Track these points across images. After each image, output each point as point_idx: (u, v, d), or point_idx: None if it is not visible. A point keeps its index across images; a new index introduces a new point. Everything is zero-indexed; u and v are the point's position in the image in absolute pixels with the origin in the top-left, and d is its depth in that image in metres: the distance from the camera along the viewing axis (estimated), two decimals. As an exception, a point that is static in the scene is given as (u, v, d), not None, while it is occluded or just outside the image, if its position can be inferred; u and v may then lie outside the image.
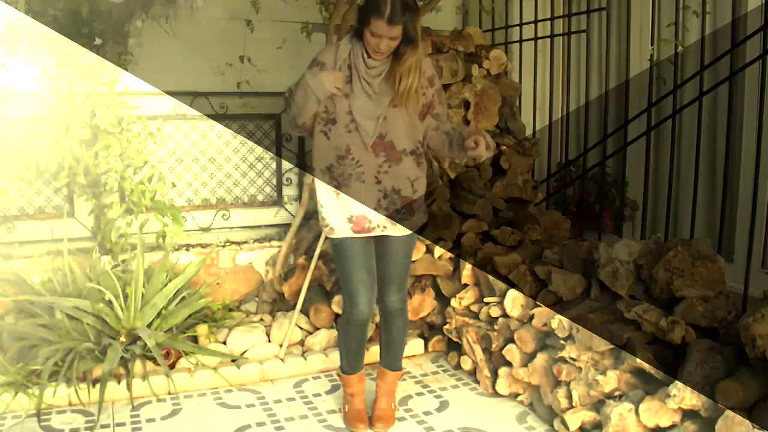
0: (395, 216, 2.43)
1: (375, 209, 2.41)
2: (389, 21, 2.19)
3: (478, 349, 2.99)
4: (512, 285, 2.89)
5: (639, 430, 2.19)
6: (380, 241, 2.51)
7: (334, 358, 3.01)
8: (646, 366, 2.25)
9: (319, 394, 2.96)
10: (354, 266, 2.46)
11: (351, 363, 2.67)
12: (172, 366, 3.03)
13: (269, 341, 3.26)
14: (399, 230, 2.47)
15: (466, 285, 3.18)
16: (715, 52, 3.29)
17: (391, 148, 2.38)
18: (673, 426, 2.14)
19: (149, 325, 3.07)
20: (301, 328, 3.37)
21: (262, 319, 3.47)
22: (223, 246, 3.65)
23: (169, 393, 2.94)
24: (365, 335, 2.66)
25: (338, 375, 2.76)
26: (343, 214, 2.41)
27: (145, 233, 3.23)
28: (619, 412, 2.21)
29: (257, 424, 2.69)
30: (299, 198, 3.76)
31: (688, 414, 2.11)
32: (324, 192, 2.45)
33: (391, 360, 2.68)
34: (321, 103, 2.36)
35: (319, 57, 2.41)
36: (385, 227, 2.44)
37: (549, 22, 3.96)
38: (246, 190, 3.84)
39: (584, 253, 2.86)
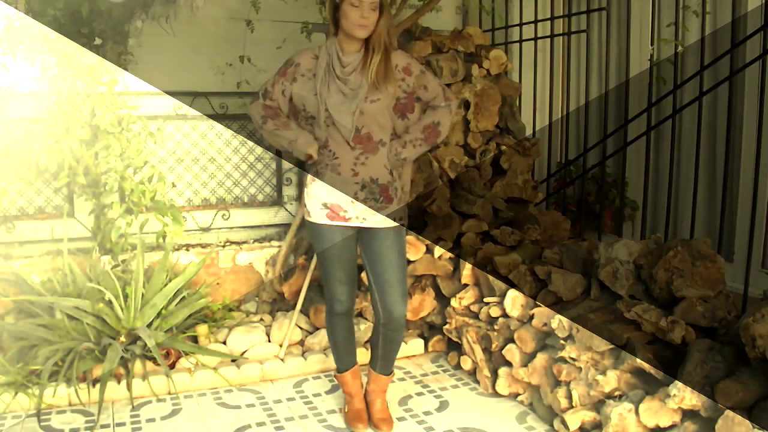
0: (374, 205, 2.44)
1: (352, 201, 2.43)
2: None
3: (478, 349, 2.99)
4: (512, 285, 2.89)
5: (639, 430, 2.19)
6: (366, 243, 2.50)
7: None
8: (646, 366, 2.25)
9: (319, 394, 2.96)
10: (329, 260, 2.51)
11: (341, 358, 2.69)
12: (172, 366, 3.03)
13: (269, 341, 3.26)
14: (380, 221, 2.45)
15: (466, 285, 3.18)
16: (715, 52, 3.29)
17: (368, 139, 2.41)
18: (673, 426, 2.14)
19: (149, 325, 3.07)
20: (301, 328, 3.37)
21: (262, 319, 3.47)
22: (223, 246, 3.65)
23: (169, 393, 2.94)
24: (351, 328, 2.68)
25: (335, 377, 2.77)
26: (319, 200, 2.47)
27: (145, 233, 3.23)
28: (619, 412, 2.21)
29: (257, 424, 2.69)
30: (299, 198, 3.76)
31: (688, 414, 2.11)
32: (307, 177, 2.52)
33: (387, 365, 2.67)
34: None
35: (295, 58, 2.47)
36: (365, 219, 2.45)
37: (549, 22, 3.96)
38: (246, 190, 3.83)
39: (584, 253, 2.86)
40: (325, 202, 2.45)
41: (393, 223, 2.47)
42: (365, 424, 2.63)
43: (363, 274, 2.95)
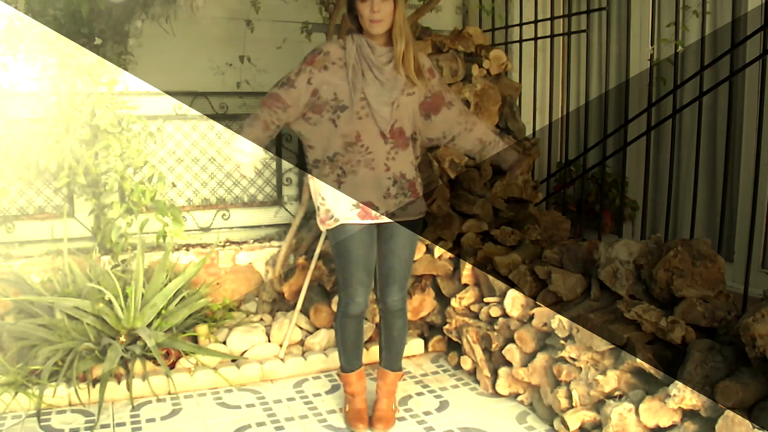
0: (404, 201, 2.43)
1: (385, 196, 2.40)
2: None
3: (478, 349, 2.99)
4: (512, 285, 2.89)
5: (639, 430, 2.19)
6: (384, 238, 2.51)
7: (334, 358, 3.01)
8: (646, 366, 2.25)
9: (319, 394, 2.96)
10: (354, 263, 2.46)
11: (349, 359, 2.68)
12: (172, 366, 3.03)
13: (269, 341, 3.26)
14: (407, 214, 2.46)
15: (466, 285, 3.18)
16: (715, 52, 3.29)
17: (400, 134, 2.40)
18: (673, 426, 2.14)
19: (149, 325, 3.07)
20: (301, 328, 3.37)
21: (262, 319, 3.47)
22: (223, 246, 3.65)
23: (169, 393, 2.94)
24: (361, 330, 2.67)
25: (338, 375, 2.76)
26: (349, 201, 2.39)
27: (145, 233, 3.23)
28: (619, 412, 2.21)
29: (257, 424, 2.69)
30: (299, 198, 3.75)
31: (688, 414, 2.11)
32: (325, 184, 2.41)
33: (391, 360, 2.68)
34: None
35: (323, 46, 2.41)
36: (393, 214, 2.44)
37: (549, 22, 3.96)
38: (246, 190, 3.84)
39: (584, 253, 2.86)
40: (357, 202, 2.39)
41: (419, 215, 2.51)
42: (365, 424, 2.63)
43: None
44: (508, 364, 2.83)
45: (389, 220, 2.44)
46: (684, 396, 2.06)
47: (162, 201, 3.20)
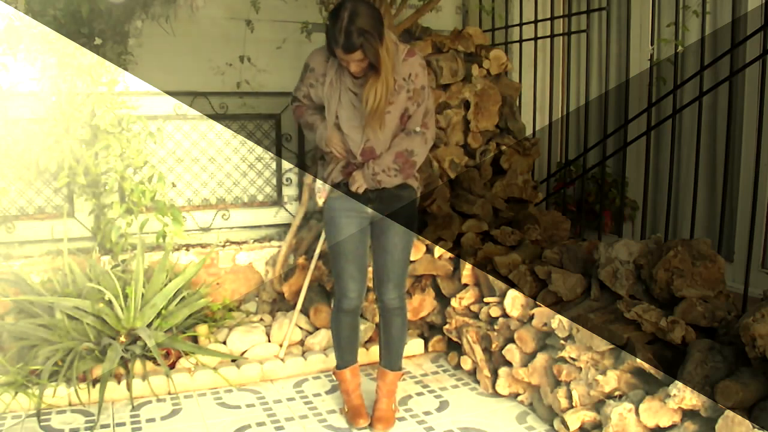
0: (392, 180, 2.46)
1: (372, 176, 2.46)
2: (345, 50, 2.23)
3: (478, 349, 2.99)
4: (512, 285, 2.89)
5: (639, 430, 2.19)
6: (376, 235, 2.55)
7: (334, 358, 3.00)
8: (646, 366, 2.25)
9: (319, 394, 2.96)
10: (344, 256, 2.52)
11: (343, 355, 2.70)
12: (172, 366, 3.03)
13: (269, 341, 3.26)
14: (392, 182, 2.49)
15: (466, 285, 3.18)
16: (715, 52, 3.29)
17: (370, 152, 2.44)
18: (673, 426, 2.14)
19: (149, 325, 3.07)
20: (301, 328, 3.37)
21: (262, 319, 3.47)
22: (223, 246, 3.65)
23: (169, 393, 2.94)
24: (356, 326, 2.69)
25: (333, 373, 2.77)
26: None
27: (145, 233, 3.23)
28: (619, 412, 2.21)
29: (257, 424, 2.69)
30: (299, 198, 3.75)
31: (688, 414, 2.11)
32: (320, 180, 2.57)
33: (391, 360, 2.68)
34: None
35: (310, 61, 2.48)
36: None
37: (549, 22, 3.96)
38: (246, 190, 3.83)
39: (584, 253, 2.86)
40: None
41: (407, 199, 2.54)
42: (366, 418, 2.64)
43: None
44: (508, 364, 2.83)
45: (377, 208, 2.51)
46: (684, 396, 2.06)
47: (162, 201, 3.20)
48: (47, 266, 3.23)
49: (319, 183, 2.56)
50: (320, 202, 2.58)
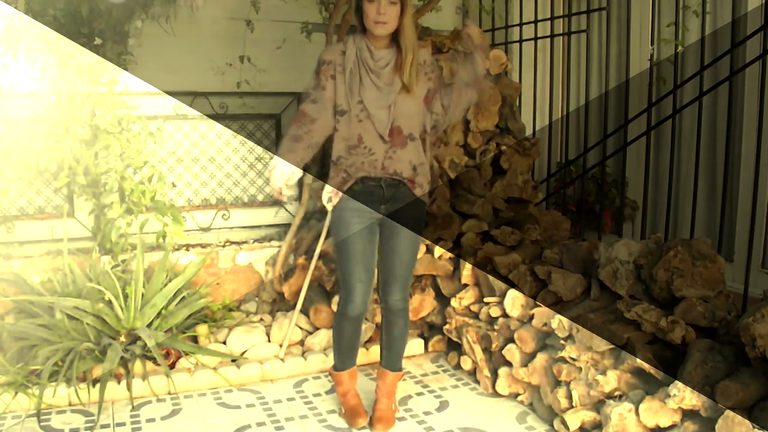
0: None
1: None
2: None
3: (478, 349, 2.99)
4: (512, 285, 2.89)
5: (639, 430, 2.19)
6: (386, 237, 2.52)
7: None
8: (646, 366, 2.25)
9: (319, 394, 2.96)
10: (353, 258, 2.48)
11: (342, 359, 2.69)
12: (172, 366, 3.03)
13: (269, 341, 3.26)
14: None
15: (466, 285, 3.18)
16: (715, 52, 3.29)
17: (398, 133, 2.42)
18: (673, 426, 2.14)
19: (149, 325, 3.07)
20: (301, 328, 3.37)
21: (262, 319, 3.47)
22: (223, 246, 3.65)
23: (169, 393, 2.94)
24: (359, 333, 2.67)
25: (330, 373, 2.77)
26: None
27: (145, 233, 3.23)
28: (619, 412, 2.21)
29: (257, 424, 2.69)
30: (299, 198, 3.76)
31: (688, 414, 2.11)
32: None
33: (392, 360, 2.68)
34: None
35: (324, 56, 2.46)
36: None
37: (549, 22, 3.96)
38: (246, 190, 3.84)
39: (584, 253, 2.86)
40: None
41: (417, 218, 2.53)
42: (364, 417, 2.64)
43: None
44: (508, 364, 2.83)
45: (387, 213, 2.49)
46: (684, 396, 2.06)
47: (162, 201, 3.20)
48: (47, 266, 3.23)
49: (328, 189, 2.49)
50: (330, 207, 2.52)
